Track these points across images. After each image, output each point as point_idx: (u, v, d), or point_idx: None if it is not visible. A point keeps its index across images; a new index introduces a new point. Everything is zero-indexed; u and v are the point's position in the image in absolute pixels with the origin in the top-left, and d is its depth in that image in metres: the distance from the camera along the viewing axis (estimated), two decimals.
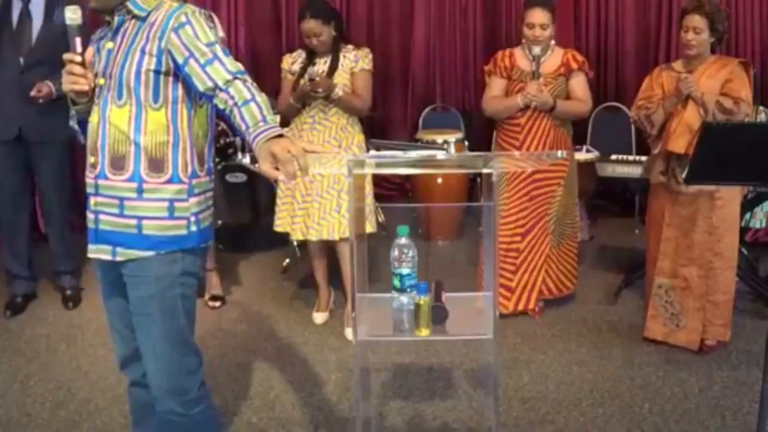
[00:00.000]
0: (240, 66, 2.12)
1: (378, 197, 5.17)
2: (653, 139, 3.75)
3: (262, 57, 6.28)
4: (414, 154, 2.61)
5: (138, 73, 2.14)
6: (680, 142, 3.57)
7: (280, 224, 4.07)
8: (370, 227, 3.94)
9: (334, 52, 3.91)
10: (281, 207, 4.05)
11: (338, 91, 3.85)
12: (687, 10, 3.61)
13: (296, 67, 3.99)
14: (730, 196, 3.65)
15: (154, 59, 2.13)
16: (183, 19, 2.13)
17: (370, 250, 2.93)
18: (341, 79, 3.89)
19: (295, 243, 4.53)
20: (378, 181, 5.56)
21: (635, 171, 4.87)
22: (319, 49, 3.91)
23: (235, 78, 2.07)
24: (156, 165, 2.18)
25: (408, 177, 5.70)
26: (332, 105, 3.89)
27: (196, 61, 2.10)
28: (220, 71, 2.08)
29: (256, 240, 5.01)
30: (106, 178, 2.19)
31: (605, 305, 4.34)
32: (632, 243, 5.22)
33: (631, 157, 5.16)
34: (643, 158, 4.46)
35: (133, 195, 2.18)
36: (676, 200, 3.68)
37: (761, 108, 4.95)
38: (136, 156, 2.16)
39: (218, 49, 2.11)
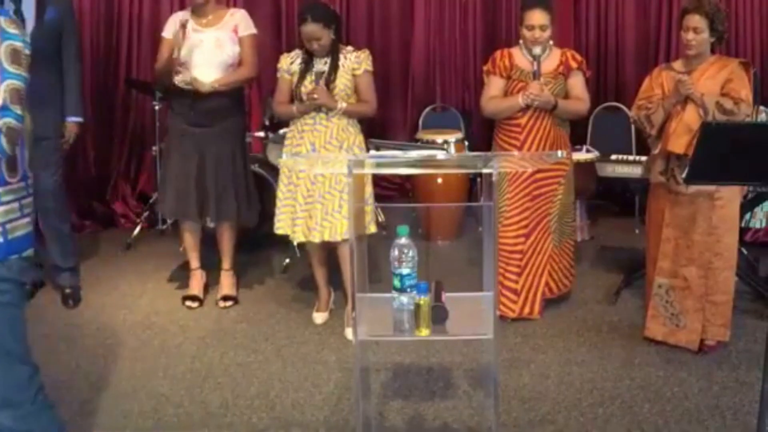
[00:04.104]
0: None
1: (378, 197, 5.17)
2: (653, 140, 3.75)
3: (262, 57, 6.25)
4: (414, 154, 2.62)
5: None
6: (680, 142, 3.56)
7: (280, 227, 4.05)
8: (373, 228, 3.95)
9: (334, 53, 3.92)
10: (282, 209, 4.03)
11: (341, 106, 3.87)
12: (687, 9, 3.61)
13: (295, 67, 3.98)
14: (730, 196, 3.64)
15: None
16: None
17: (370, 250, 2.93)
18: (343, 79, 3.89)
19: (294, 243, 4.53)
20: (378, 181, 5.56)
21: (635, 171, 4.86)
22: (319, 53, 3.91)
23: None
24: None
25: (408, 177, 5.69)
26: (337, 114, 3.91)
27: None
28: None
29: (256, 240, 5.00)
30: None
31: (605, 305, 4.34)
32: (632, 243, 5.22)
33: (631, 157, 5.15)
34: (643, 158, 4.46)
35: None
36: (675, 200, 3.68)
37: (761, 108, 4.95)
38: None
39: None
